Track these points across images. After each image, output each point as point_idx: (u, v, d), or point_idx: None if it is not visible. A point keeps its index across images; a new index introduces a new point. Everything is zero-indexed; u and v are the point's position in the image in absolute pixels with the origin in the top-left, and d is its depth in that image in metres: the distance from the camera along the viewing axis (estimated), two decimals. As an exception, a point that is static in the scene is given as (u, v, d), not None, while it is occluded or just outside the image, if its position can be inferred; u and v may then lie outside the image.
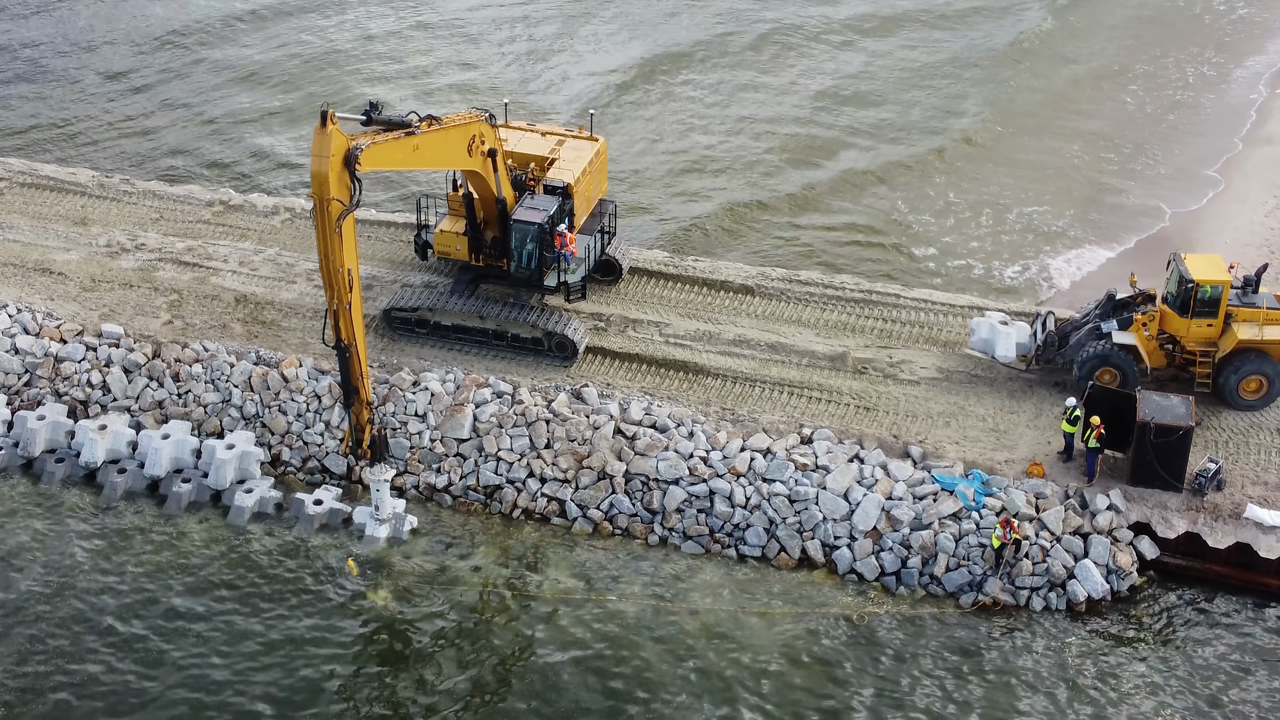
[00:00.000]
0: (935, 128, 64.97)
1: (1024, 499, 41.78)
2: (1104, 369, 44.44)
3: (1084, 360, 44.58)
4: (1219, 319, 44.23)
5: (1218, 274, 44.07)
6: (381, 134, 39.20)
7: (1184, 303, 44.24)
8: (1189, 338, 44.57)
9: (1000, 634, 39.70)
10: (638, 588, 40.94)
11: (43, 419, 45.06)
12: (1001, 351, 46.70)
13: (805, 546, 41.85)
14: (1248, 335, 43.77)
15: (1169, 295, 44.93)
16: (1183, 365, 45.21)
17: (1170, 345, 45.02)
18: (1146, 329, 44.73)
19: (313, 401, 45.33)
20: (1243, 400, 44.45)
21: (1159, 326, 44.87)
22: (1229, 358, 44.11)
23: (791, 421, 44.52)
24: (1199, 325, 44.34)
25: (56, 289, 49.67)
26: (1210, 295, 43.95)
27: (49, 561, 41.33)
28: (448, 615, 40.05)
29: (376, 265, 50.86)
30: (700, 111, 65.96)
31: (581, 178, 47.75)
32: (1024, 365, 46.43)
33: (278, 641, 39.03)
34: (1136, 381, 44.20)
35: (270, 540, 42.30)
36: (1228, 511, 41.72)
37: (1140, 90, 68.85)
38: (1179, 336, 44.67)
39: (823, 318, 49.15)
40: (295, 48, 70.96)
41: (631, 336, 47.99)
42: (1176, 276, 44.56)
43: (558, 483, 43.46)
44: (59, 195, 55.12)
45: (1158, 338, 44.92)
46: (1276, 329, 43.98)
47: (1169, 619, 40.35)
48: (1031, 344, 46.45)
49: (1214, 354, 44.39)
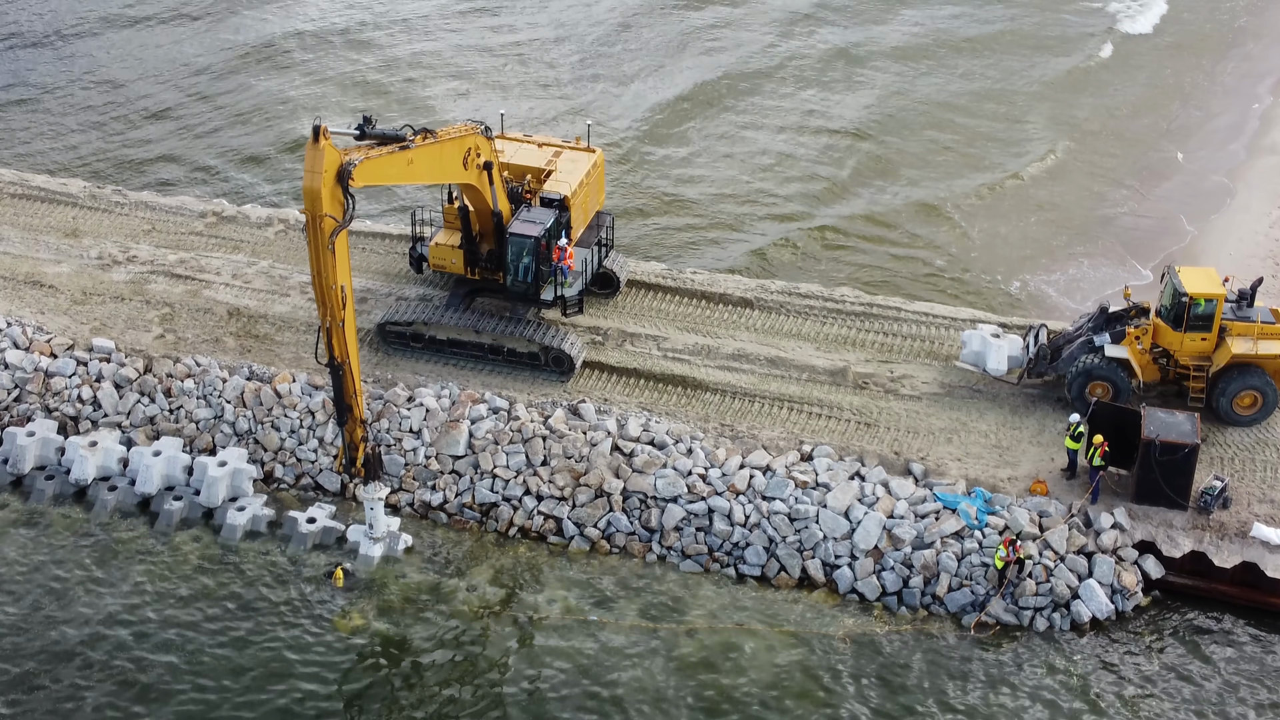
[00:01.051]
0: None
1: (1027, 517, 41.23)
2: (1095, 382, 43.93)
3: (1075, 373, 44.09)
4: (1213, 333, 43.75)
5: (1212, 287, 43.57)
6: (375, 148, 38.67)
7: (1178, 316, 43.75)
8: (1182, 352, 44.07)
9: (1003, 656, 39.13)
10: (635, 607, 40.38)
11: (32, 435, 44.46)
12: (993, 365, 46.16)
13: (805, 566, 41.28)
14: (1242, 350, 43.27)
15: (1163, 308, 44.48)
16: (1176, 380, 44.72)
17: (1164, 359, 44.53)
18: (1139, 342, 44.25)
19: (306, 417, 44.76)
20: (1236, 416, 43.93)
21: (1152, 340, 44.40)
22: (1223, 372, 43.61)
23: (791, 438, 43.96)
24: (1193, 339, 43.85)
25: (47, 302, 49.09)
26: (1204, 309, 43.46)
27: (37, 582, 40.71)
28: (442, 635, 39.48)
29: (371, 278, 50.29)
30: (771, 130, 65.14)
31: (579, 190, 47.19)
32: (1016, 379, 45.90)
33: (269, 662, 38.48)
34: (1129, 395, 43.73)
35: (263, 559, 41.70)
36: (1234, 530, 41.18)
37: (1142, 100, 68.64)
38: (1172, 350, 44.19)
39: (823, 331, 48.60)
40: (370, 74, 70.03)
41: (629, 351, 47.43)
42: (1171, 290, 44.08)
43: (554, 500, 42.88)
44: (50, 206, 54.50)
45: (1151, 351, 44.44)
46: (1271, 344, 43.49)
47: (1174, 640, 39.78)
48: (1023, 357, 45.94)
49: (1208, 369, 43.89)
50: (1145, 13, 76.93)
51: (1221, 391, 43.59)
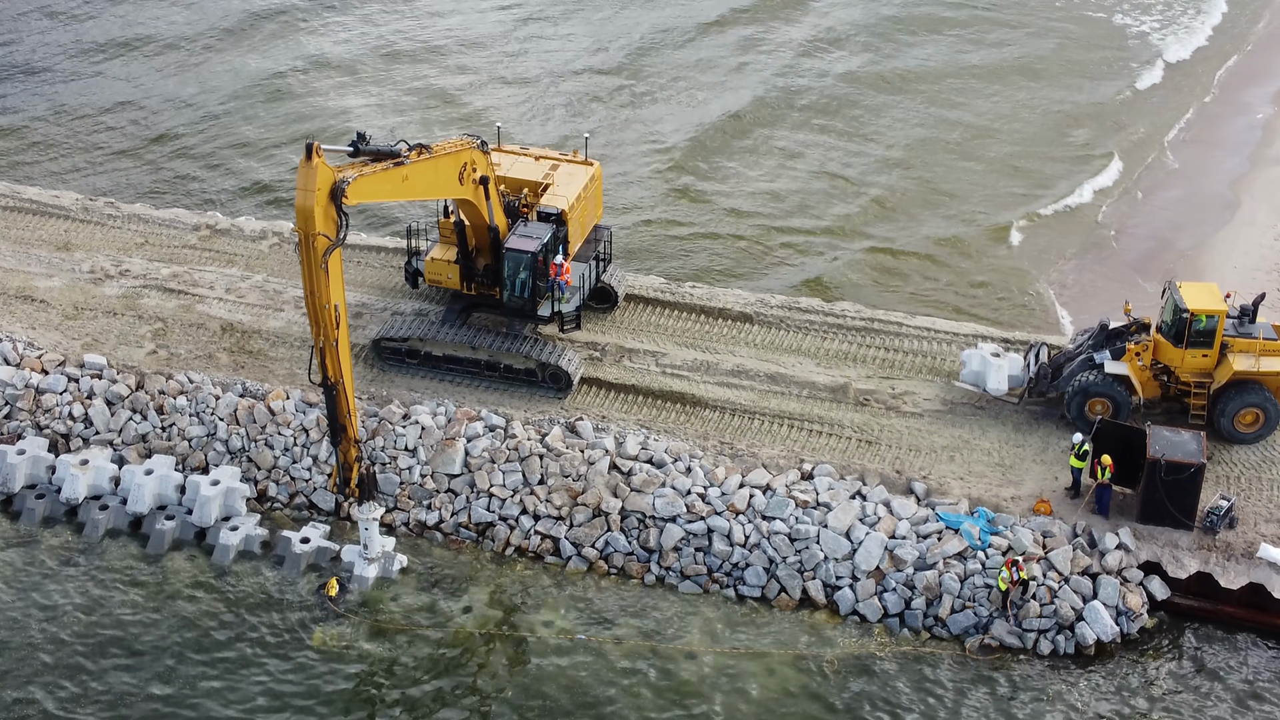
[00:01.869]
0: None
1: (1031, 538, 40.67)
2: (1095, 399, 43.42)
3: (1075, 390, 43.57)
4: (1214, 349, 43.22)
5: (1213, 303, 43.06)
6: (369, 165, 38.12)
7: (1179, 332, 43.24)
8: (1183, 368, 43.55)
9: (1006, 679, 38.55)
10: (633, 629, 39.81)
11: (22, 453, 43.87)
12: (993, 384, 45.59)
13: (806, 587, 40.71)
14: (1243, 366, 42.75)
15: (1163, 324, 43.97)
16: (1177, 397, 44.19)
17: (1164, 376, 44.00)
18: (1140, 359, 43.72)
19: (300, 435, 44.18)
20: (1238, 433, 43.39)
21: (1153, 356, 43.88)
22: (1224, 390, 43.09)
23: (792, 456, 43.40)
24: (1194, 356, 43.32)
25: (38, 317, 48.51)
26: (1205, 325, 42.94)
27: (27, 603, 40.14)
28: (437, 657, 38.93)
29: (366, 292, 49.71)
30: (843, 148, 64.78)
31: (576, 204, 46.61)
32: (1017, 398, 45.34)
33: (261, 685, 37.96)
34: (1129, 412, 43.25)
35: (256, 580, 41.12)
36: (1240, 550, 40.62)
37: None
38: (1173, 367, 43.66)
39: (823, 347, 48.03)
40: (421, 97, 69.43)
41: (627, 367, 46.86)
42: (1171, 305, 43.58)
43: (551, 520, 42.30)
44: (41, 219, 53.93)
45: (1151, 368, 43.92)
46: (1273, 360, 42.98)
47: (1180, 663, 39.22)
48: (1024, 376, 45.39)
49: (1209, 386, 43.36)
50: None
51: (1223, 409, 43.07)
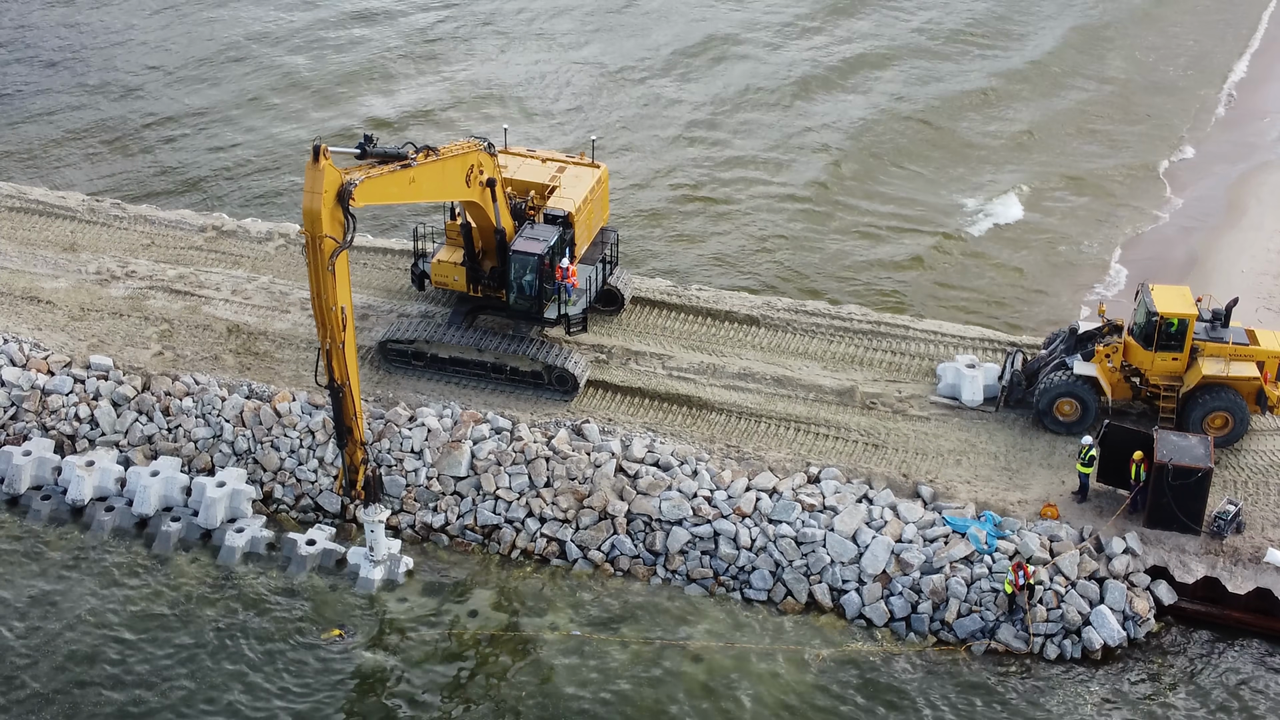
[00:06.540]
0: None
1: (1038, 542, 40.58)
2: (1063, 399, 43.47)
3: (1043, 391, 43.63)
4: (1184, 353, 43.18)
5: (1184, 307, 43.05)
6: (376, 167, 38.09)
7: (1149, 335, 43.20)
8: (1153, 371, 43.56)
9: (1013, 683, 38.47)
10: (639, 632, 39.74)
11: (29, 454, 43.89)
12: (968, 396, 45.46)
13: (812, 590, 40.65)
14: (1212, 370, 42.72)
15: (1135, 327, 43.95)
16: (1148, 399, 44.20)
17: (1135, 378, 43.98)
18: (1110, 360, 43.70)
19: (306, 437, 44.14)
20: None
21: (1123, 358, 43.87)
22: (1193, 393, 43.05)
23: (798, 459, 43.33)
24: (1164, 359, 43.32)
25: (44, 318, 48.49)
26: (1175, 329, 42.88)
27: (31, 604, 40.11)
28: (443, 660, 38.87)
29: (372, 294, 49.67)
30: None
31: (583, 206, 46.58)
32: (994, 408, 45.25)
33: (267, 688, 37.89)
34: (1096, 413, 43.34)
35: (262, 582, 41.07)
36: (1247, 555, 40.52)
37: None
38: (1144, 369, 43.66)
39: (830, 350, 47.95)
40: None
41: (634, 369, 46.79)
42: (1143, 308, 43.57)
43: (558, 523, 42.25)
44: (48, 220, 53.92)
45: (1122, 369, 43.89)
46: (1243, 365, 42.89)
47: (1187, 668, 39.11)
48: (999, 385, 45.34)
49: (1179, 389, 43.33)
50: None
51: (1191, 412, 43.03)
